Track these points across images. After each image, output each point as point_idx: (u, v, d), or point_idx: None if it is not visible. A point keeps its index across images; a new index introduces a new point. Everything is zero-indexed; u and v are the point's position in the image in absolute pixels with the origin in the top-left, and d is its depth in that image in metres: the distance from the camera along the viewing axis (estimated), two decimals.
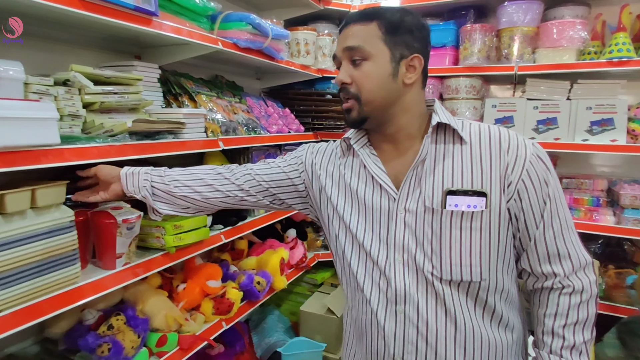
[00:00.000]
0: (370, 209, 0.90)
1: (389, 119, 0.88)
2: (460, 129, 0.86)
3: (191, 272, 1.55)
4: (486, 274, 0.83)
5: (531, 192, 0.83)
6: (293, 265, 2.02)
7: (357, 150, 0.93)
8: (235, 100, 1.73)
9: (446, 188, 0.83)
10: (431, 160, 0.86)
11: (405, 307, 0.85)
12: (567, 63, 1.71)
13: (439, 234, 0.83)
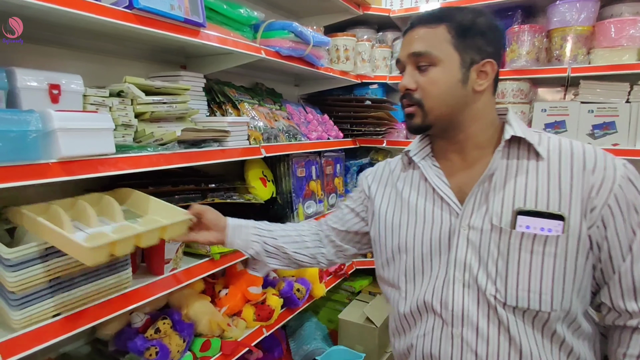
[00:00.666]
0: (429, 224, 0.85)
1: (456, 126, 0.84)
2: (537, 143, 0.79)
3: (233, 277, 1.57)
4: (557, 304, 0.75)
5: (618, 220, 0.74)
6: (332, 272, 2.01)
7: (418, 162, 0.89)
8: (275, 108, 1.75)
9: (517, 207, 0.76)
10: (501, 176, 0.80)
11: (463, 330, 0.79)
12: (627, 64, 1.59)
13: (506, 255, 0.76)
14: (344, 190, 2.10)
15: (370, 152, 2.35)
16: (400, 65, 0.86)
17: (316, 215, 1.82)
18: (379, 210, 0.96)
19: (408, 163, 0.94)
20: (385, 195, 0.96)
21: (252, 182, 1.58)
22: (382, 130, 2.07)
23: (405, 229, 0.89)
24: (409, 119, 0.85)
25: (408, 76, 0.83)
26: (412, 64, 0.83)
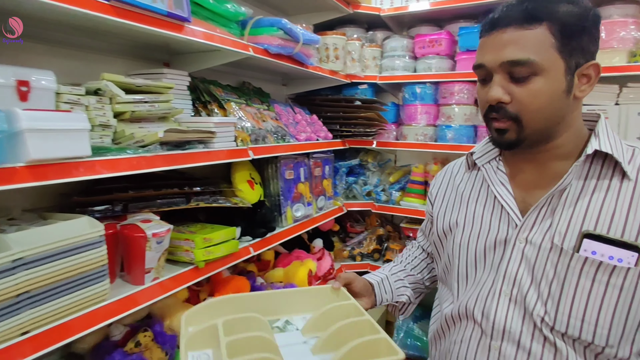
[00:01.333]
0: (485, 231, 0.81)
1: (547, 137, 0.75)
2: (627, 160, 0.71)
3: (218, 284, 1.50)
4: (614, 341, 0.69)
5: None
6: (320, 277, 1.95)
7: (481, 166, 0.85)
8: (263, 108, 1.69)
9: (585, 230, 0.70)
10: (575, 192, 0.73)
11: (502, 344, 0.76)
12: (617, 66, 1.59)
13: (562, 278, 0.71)
14: (332, 193, 2.05)
15: (359, 153, 2.31)
16: (483, 71, 0.74)
17: (305, 218, 1.77)
18: (437, 213, 0.95)
19: (473, 164, 0.90)
20: (445, 198, 0.94)
21: (239, 185, 1.52)
22: (372, 131, 2.03)
23: (461, 231, 0.86)
24: (500, 134, 0.74)
25: (499, 87, 0.71)
26: (505, 73, 0.71)
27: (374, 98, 2.09)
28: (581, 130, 0.78)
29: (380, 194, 2.17)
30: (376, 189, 2.19)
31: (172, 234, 1.16)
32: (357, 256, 2.22)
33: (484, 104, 0.75)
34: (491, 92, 0.72)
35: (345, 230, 2.36)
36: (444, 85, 2.01)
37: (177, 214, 1.28)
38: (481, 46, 0.75)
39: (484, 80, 0.76)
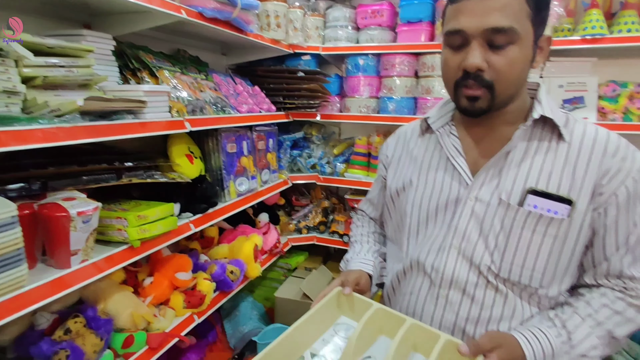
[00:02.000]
0: (437, 190, 0.85)
1: (505, 105, 0.78)
2: (563, 125, 0.77)
3: (158, 264, 1.44)
4: (546, 282, 0.78)
5: (622, 210, 0.75)
6: (267, 251, 1.95)
7: (436, 130, 0.88)
8: (201, 77, 1.59)
9: (529, 186, 0.76)
10: (519, 154, 0.79)
11: (449, 292, 0.82)
12: None
13: (508, 230, 0.77)
14: (277, 166, 2.02)
15: (303, 127, 2.28)
16: (460, 37, 0.73)
17: (249, 192, 1.73)
18: (392, 174, 0.97)
19: (426, 129, 0.93)
20: (400, 160, 0.97)
21: (176, 159, 1.43)
22: (316, 103, 2.00)
23: (414, 190, 0.89)
24: (471, 102, 0.75)
25: (478, 54, 0.71)
26: (484, 40, 0.71)
27: (317, 69, 2.05)
28: (526, 98, 0.83)
29: (325, 166, 2.17)
30: (320, 162, 2.19)
31: (103, 213, 1.08)
32: (303, 229, 2.23)
33: (456, 71, 0.75)
34: (471, 59, 0.71)
35: (291, 204, 2.35)
36: (386, 57, 2.02)
37: (107, 192, 1.19)
38: (457, 11, 0.73)
39: (457, 47, 0.75)
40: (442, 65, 0.80)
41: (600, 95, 1.71)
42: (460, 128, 0.87)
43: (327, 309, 0.85)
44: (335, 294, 0.87)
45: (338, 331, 0.85)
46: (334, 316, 0.88)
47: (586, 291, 0.81)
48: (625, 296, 0.77)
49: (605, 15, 1.69)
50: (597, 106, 1.70)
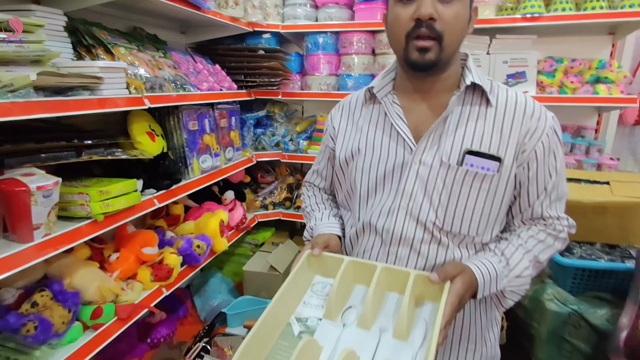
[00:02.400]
0: (385, 156, 0.92)
1: (445, 65, 0.85)
2: (489, 91, 0.86)
3: (123, 240, 1.47)
4: (482, 231, 0.90)
5: (540, 163, 0.87)
6: (233, 227, 2.00)
7: (380, 98, 0.93)
8: (159, 55, 1.59)
9: (466, 148, 0.85)
10: (455, 119, 0.87)
11: (399, 248, 0.91)
12: (488, 18, 1.80)
13: (449, 188, 0.87)
14: (241, 144, 2.06)
15: (266, 105, 2.31)
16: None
17: (213, 169, 1.76)
18: (340, 144, 1.02)
19: (370, 98, 0.98)
20: (347, 130, 1.01)
21: (137, 137, 1.44)
22: (277, 81, 2.04)
23: (363, 157, 0.95)
24: (422, 54, 0.80)
25: (429, 3, 0.77)
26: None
27: (277, 47, 2.08)
28: (459, 66, 0.91)
29: (288, 144, 2.23)
30: (284, 140, 2.24)
31: (64, 189, 1.10)
32: (269, 205, 2.30)
33: (408, 22, 0.80)
34: (424, 8, 0.77)
35: (257, 181, 2.40)
36: (344, 35, 2.07)
37: (67, 171, 1.20)
38: None
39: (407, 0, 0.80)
40: (392, 21, 0.84)
41: (539, 70, 1.85)
42: (401, 96, 0.94)
43: (301, 273, 0.89)
44: (306, 258, 0.91)
45: (316, 291, 0.90)
46: (309, 278, 0.92)
47: (515, 228, 0.95)
48: (545, 229, 0.91)
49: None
50: (537, 80, 1.84)
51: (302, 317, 0.82)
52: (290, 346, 0.76)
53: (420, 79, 0.89)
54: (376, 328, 0.79)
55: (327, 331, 0.79)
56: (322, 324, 0.81)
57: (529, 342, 1.66)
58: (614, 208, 1.44)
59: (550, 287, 1.60)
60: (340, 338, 0.77)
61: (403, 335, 0.75)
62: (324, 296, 0.87)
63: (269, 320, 0.76)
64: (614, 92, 1.75)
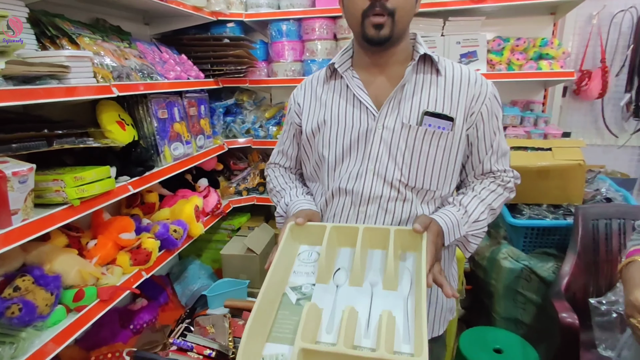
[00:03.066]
0: (350, 125, 1.01)
1: (397, 40, 0.95)
2: (438, 62, 0.98)
3: (100, 227, 1.50)
4: (441, 185, 1.01)
5: (486, 124, 0.99)
6: (208, 212, 2.05)
7: (342, 73, 1.02)
8: (124, 46, 1.62)
9: (424, 109, 0.96)
10: (411, 86, 0.98)
11: (369, 207, 1.01)
12: (441, 1, 1.91)
13: (411, 147, 0.97)
14: (211, 132, 2.11)
15: (234, 93, 2.36)
16: None
17: (185, 157, 1.81)
18: (306, 118, 1.09)
19: (331, 74, 1.07)
20: (311, 105, 1.09)
21: (108, 126, 1.48)
22: (243, 69, 2.09)
23: (329, 128, 1.04)
24: (377, 30, 0.90)
25: None
26: None
27: (242, 36, 2.13)
28: (409, 42, 1.02)
29: (258, 130, 2.29)
30: (254, 126, 2.30)
31: (38, 177, 1.13)
32: (243, 191, 2.36)
33: (364, 1, 0.89)
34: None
35: (230, 169, 2.46)
36: (306, 21, 2.15)
37: (38, 161, 1.22)
38: None
39: None
40: (349, 2, 0.93)
41: (489, 49, 1.99)
42: (359, 71, 1.04)
43: (287, 245, 0.92)
44: (289, 230, 0.95)
45: (303, 260, 0.94)
46: (294, 249, 0.97)
47: (470, 183, 1.07)
48: (495, 181, 1.04)
49: None
50: (487, 59, 1.98)
51: (296, 286, 0.87)
52: (291, 314, 0.80)
53: (376, 53, 0.98)
54: (367, 284, 0.85)
55: (323, 294, 0.84)
56: (317, 288, 0.86)
57: (489, 299, 1.82)
58: (556, 171, 1.60)
59: (505, 247, 1.75)
60: (336, 298, 0.82)
61: (392, 286, 0.82)
62: (311, 263, 0.92)
63: (268, 294, 0.80)
64: (555, 67, 1.91)
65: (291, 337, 0.75)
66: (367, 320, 0.76)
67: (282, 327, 0.78)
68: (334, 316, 0.78)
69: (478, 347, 1.56)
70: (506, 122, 2.09)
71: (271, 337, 0.76)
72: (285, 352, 0.73)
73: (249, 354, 0.69)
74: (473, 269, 1.95)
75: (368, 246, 0.94)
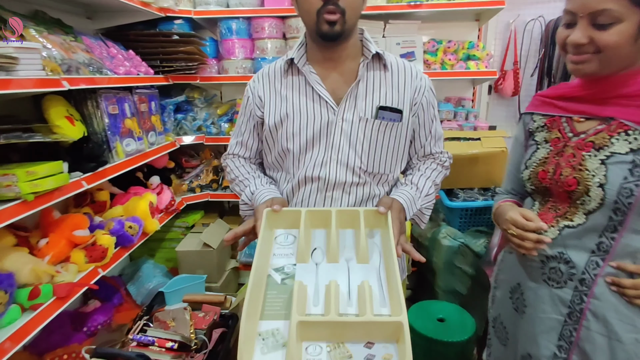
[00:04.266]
0: (312, 118, 1.09)
1: (348, 35, 1.04)
2: (385, 58, 1.09)
3: (51, 226, 1.46)
4: (393, 169, 1.15)
5: (426, 113, 1.14)
6: (162, 209, 2.04)
7: (301, 68, 1.09)
8: (70, 39, 1.58)
9: (379, 104, 1.08)
10: (364, 82, 1.09)
11: (333, 192, 1.12)
12: (380, 5, 2.09)
13: (369, 138, 1.09)
14: (163, 129, 2.09)
15: (185, 90, 2.36)
16: None
17: (137, 153, 1.80)
18: (268, 112, 1.15)
19: (287, 69, 1.13)
20: (271, 98, 1.15)
21: (56, 121, 1.44)
22: (194, 65, 2.11)
23: (292, 121, 1.11)
24: (331, 26, 0.99)
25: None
26: None
27: (192, 32, 2.14)
28: (358, 37, 1.12)
29: (210, 127, 2.31)
30: (206, 123, 2.32)
31: None
32: (196, 188, 2.36)
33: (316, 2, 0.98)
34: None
35: (181, 167, 2.44)
36: (256, 20, 2.21)
37: None
38: None
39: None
40: (302, 2, 1.03)
41: (425, 50, 2.20)
42: (314, 66, 1.13)
43: (265, 232, 0.98)
44: (265, 216, 1.00)
45: (280, 242, 1.01)
46: (271, 234, 1.04)
47: (414, 165, 1.23)
48: (434, 161, 1.21)
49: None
50: (424, 59, 2.19)
51: (278, 267, 0.94)
52: (279, 292, 0.87)
53: (329, 48, 1.07)
54: (343, 259, 0.94)
55: (305, 272, 0.91)
56: (298, 267, 0.93)
57: (432, 276, 2.01)
58: (483, 157, 1.82)
59: (444, 227, 1.95)
60: (317, 275, 0.91)
61: (365, 260, 0.92)
62: (289, 245, 1.00)
63: (256, 278, 0.85)
64: (480, 67, 2.16)
65: (283, 313, 0.83)
66: (348, 291, 0.86)
67: (273, 306, 0.86)
68: (318, 291, 0.87)
69: (424, 318, 1.74)
70: (442, 117, 2.31)
71: (264, 315, 0.84)
72: (280, 326, 0.81)
73: (248, 333, 0.75)
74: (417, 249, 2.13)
75: (340, 227, 1.04)
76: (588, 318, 0.92)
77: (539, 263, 0.99)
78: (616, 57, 0.85)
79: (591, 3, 0.82)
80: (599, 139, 0.90)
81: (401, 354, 0.73)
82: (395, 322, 0.75)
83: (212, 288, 2.18)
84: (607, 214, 0.87)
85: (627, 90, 0.87)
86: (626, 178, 0.84)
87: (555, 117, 1.01)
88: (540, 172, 0.99)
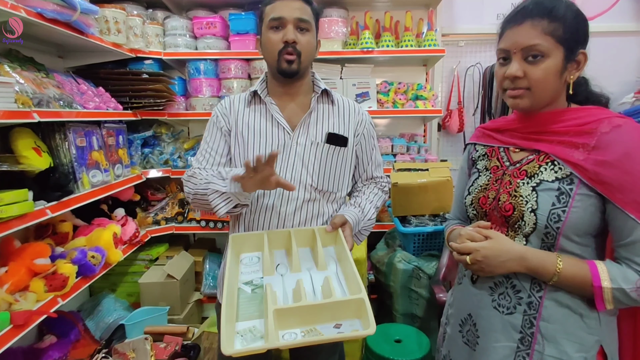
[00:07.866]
0: (270, 140, 1.24)
1: (303, 75, 1.24)
2: (332, 95, 1.29)
3: (12, 254, 1.46)
4: (340, 188, 1.30)
5: (367, 142, 1.33)
6: (126, 241, 2.05)
7: (264, 98, 1.25)
8: (42, 75, 1.66)
9: (328, 131, 1.25)
10: (316, 113, 1.27)
11: (287, 208, 1.23)
12: (337, 51, 2.32)
13: (319, 159, 1.24)
14: (129, 162, 2.15)
15: (152, 126, 2.45)
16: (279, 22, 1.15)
17: (103, 184, 1.84)
18: (235, 131, 1.26)
19: (251, 100, 1.29)
20: (238, 126, 1.27)
21: (23, 152, 1.48)
22: (162, 102, 2.21)
23: (252, 145, 1.24)
24: (289, 64, 1.17)
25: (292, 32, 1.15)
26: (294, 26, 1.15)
27: (161, 71, 2.26)
28: (310, 77, 1.32)
29: (177, 160, 2.39)
30: (172, 157, 2.39)
31: None
32: (161, 221, 2.39)
33: (279, 43, 1.16)
34: (289, 35, 1.15)
35: (147, 200, 2.48)
36: (222, 62, 2.38)
37: None
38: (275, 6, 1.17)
39: (276, 28, 1.17)
40: (267, 42, 1.19)
41: (378, 91, 2.43)
42: (274, 98, 1.29)
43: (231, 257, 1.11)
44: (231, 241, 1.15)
45: (246, 264, 1.13)
46: (237, 259, 1.16)
47: (359, 188, 1.39)
48: (376, 185, 1.39)
49: (375, 35, 2.42)
50: (377, 98, 2.41)
51: (247, 281, 1.06)
52: (250, 299, 0.99)
53: (287, 83, 1.25)
54: (304, 268, 1.09)
55: (272, 282, 1.03)
56: (266, 279, 1.06)
57: (390, 300, 2.11)
58: (432, 186, 2.00)
59: (399, 252, 2.08)
60: (284, 283, 1.04)
61: (324, 268, 1.08)
62: (253, 264, 1.13)
63: (229, 291, 0.96)
64: (427, 106, 2.40)
65: (257, 313, 0.95)
66: (313, 290, 1.02)
67: (247, 310, 0.97)
68: (286, 293, 1.00)
69: (382, 340, 1.82)
70: (396, 151, 2.51)
71: (239, 317, 0.95)
72: (256, 324, 0.92)
73: (228, 333, 0.85)
74: (376, 276, 2.24)
75: (297, 245, 1.17)
76: (539, 341, 0.93)
77: (488, 290, 1.00)
78: (544, 91, 0.92)
79: (522, 40, 0.89)
80: (531, 168, 0.96)
81: (365, 325, 0.87)
82: (356, 299, 0.91)
83: (174, 320, 2.17)
84: (540, 237, 0.92)
85: (553, 127, 0.95)
86: (554, 204, 0.90)
87: (495, 147, 1.09)
88: (481, 198, 1.03)
